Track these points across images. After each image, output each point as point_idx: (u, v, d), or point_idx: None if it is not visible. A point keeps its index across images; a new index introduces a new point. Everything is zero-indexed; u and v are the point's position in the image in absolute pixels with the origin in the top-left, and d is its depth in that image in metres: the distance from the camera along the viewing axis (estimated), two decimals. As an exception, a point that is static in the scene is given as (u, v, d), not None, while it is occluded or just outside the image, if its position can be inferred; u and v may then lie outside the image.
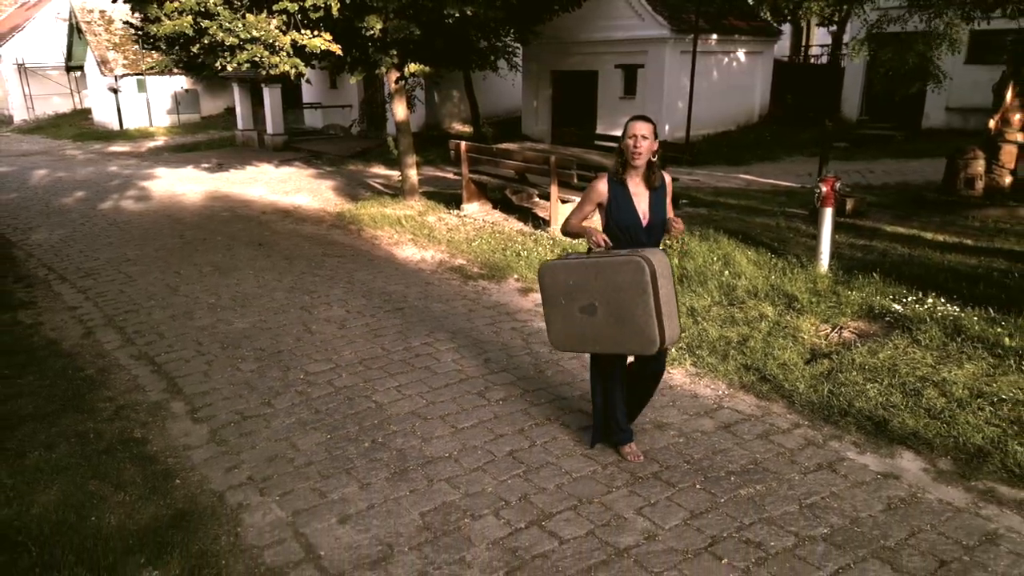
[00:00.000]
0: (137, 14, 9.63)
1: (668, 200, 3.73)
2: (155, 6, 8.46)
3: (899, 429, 4.14)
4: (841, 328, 5.70)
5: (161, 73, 24.25)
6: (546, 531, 3.36)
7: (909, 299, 5.86)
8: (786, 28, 24.34)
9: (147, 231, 10.40)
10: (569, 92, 18.03)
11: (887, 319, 5.66)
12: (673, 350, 5.33)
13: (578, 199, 9.23)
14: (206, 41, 8.65)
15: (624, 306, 3.39)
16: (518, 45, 17.60)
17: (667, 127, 16.06)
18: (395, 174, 14.56)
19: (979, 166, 8.90)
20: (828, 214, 6.77)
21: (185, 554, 3.19)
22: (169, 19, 8.33)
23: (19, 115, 32.04)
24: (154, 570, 3.07)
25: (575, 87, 17.74)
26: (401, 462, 3.98)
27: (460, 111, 20.84)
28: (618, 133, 15.35)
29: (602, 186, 3.66)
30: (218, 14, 8.26)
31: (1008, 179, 9.09)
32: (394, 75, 10.64)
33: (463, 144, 10.36)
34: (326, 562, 3.17)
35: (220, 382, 5.11)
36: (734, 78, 17.47)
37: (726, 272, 6.92)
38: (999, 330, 5.14)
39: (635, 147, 3.52)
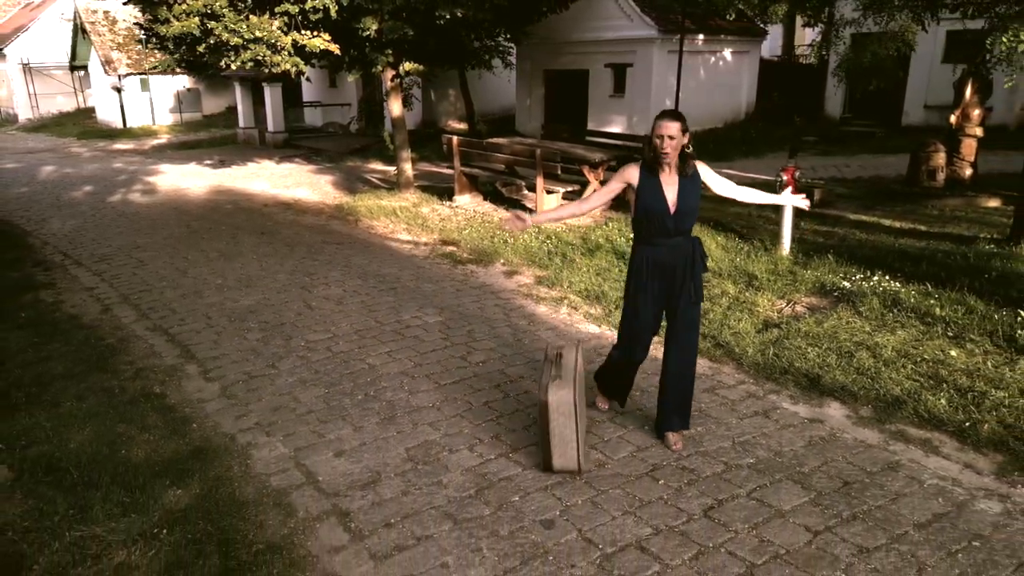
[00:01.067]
0: (147, 15, 10.16)
1: (712, 180, 3.81)
2: (164, 8, 9.01)
3: (830, 384, 4.69)
4: (794, 303, 6.26)
5: (164, 72, 24.75)
6: (512, 460, 3.91)
7: (857, 277, 6.42)
8: (777, 29, 24.88)
9: (155, 221, 10.95)
10: (561, 90, 18.58)
11: (836, 294, 6.21)
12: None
13: (562, 189, 9.82)
14: (212, 41, 9.20)
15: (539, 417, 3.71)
16: (512, 45, 18.17)
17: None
18: (391, 169, 15.13)
19: (940, 159, 9.45)
20: (789, 201, 7.31)
21: (203, 478, 3.74)
22: (178, 20, 8.88)
23: (24, 114, 32.57)
24: (178, 489, 3.62)
25: (567, 85, 18.29)
26: (390, 410, 4.54)
27: (456, 109, 21.39)
28: (607, 130, 15.93)
29: (633, 170, 3.73)
30: (223, 16, 8.81)
31: (968, 171, 9.64)
32: (390, 73, 11.19)
33: (455, 139, 10.91)
34: (324, 485, 3.72)
35: (229, 349, 5.66)
36: (721, 77, 18.03)
37: (695, 255, 7.46)
38: (932, 302, 5.70)
39: (663, 147, 3.53)
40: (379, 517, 3.44)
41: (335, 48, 9.89)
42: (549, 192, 9.56)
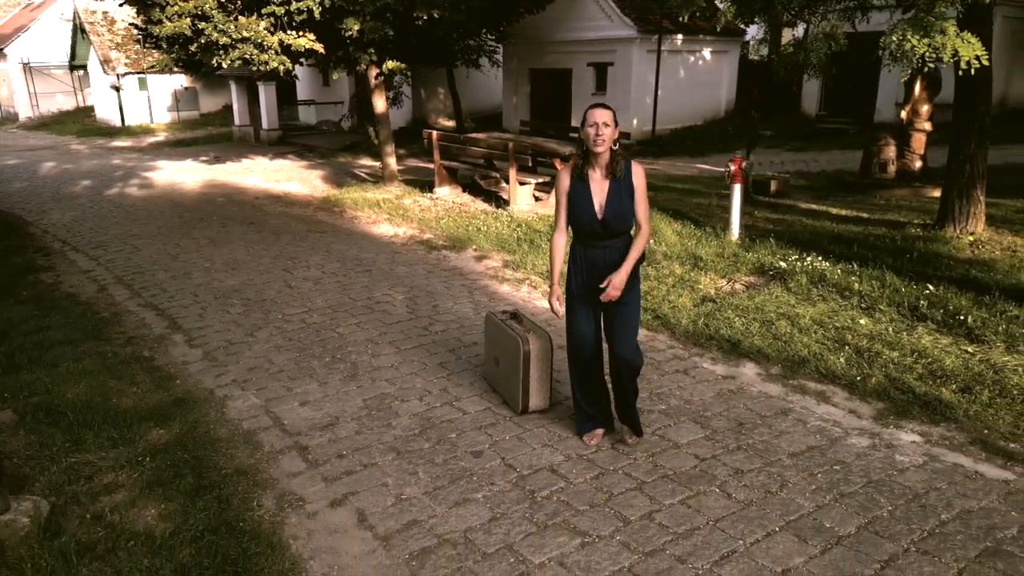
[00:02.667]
0: (142, 16, 10.70)
1: (639, 193, 3.57)
2: (157, 10, 9.55)
3: (748, 348, 5.24)
4: (734, 281, 6.81)
5: (162, 72, 25.27)
6: (456, 408, 4.46)
7: (792, 258, 6.96)
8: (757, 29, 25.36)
9: (150, 213, 11.50)
10: (546, 88, 19.14)
11: (771, 273, 6.76)
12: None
13: (535, 181, 10.37)
14: (203, 41, 9.75)
15: (509, 369, 4.33)
16: (498, 44, 18.74)
17: (635, 122, 17.16)
18: (380, 164, 15.67)
19: (890, 152, 10.00)
20: (737, 190, 7.88)
21: (183, 421, 4.28)
22: (170, 21, 9.43)
23: (24, 113, 33.11)
24: (160, 429, 4.17)
25: (551, 84, 18.85)
26: (353, 370, 5.09)
27: (445, 107, 21.94)
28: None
29: (564, 178, 3.63)
30: (213, 17, 9.36)
31: (918, 164, 10.19)
32: (374, 71, 11.74)
33: (435, 133, 11.47)
34: (288, 427, 4.27)
35: (212, 321, 6.22)
36: (700, 75, 18.58)
37: (651, 240, 8.01)
38: (852, 279, 6.25)
39: (597, 135, 3.42)
40: (333, 451, 3.99)
41: (319, 47, 10.44)
42: (522, 184, 10.11)
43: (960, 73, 5.23)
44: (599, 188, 3.56)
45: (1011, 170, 11.47)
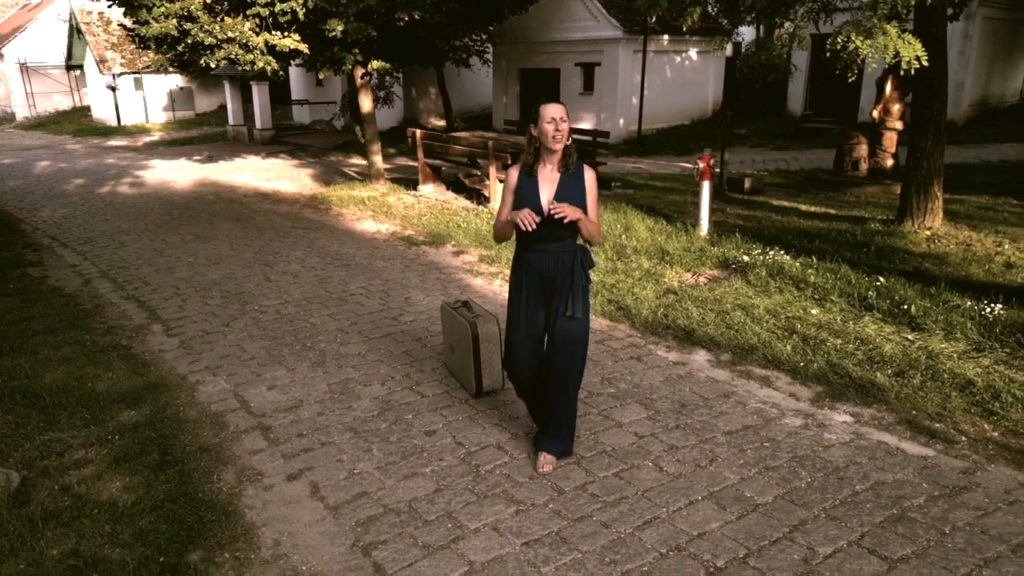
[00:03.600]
0: (129, 17, 10.92)
1: (591, 196, 3.46)
2: (144, 11, 9.77)
3: (701, 336, 5.46)
4: (698, 275, 7.03)
5: (157, 72, 25.48)
6: (415, 392, 4.68)
7: (756, 252, 7.18)
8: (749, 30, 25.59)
9: (139, 210, 11.71)
10: (535, 88, 19.34)
11: (734, 267, 6.98)
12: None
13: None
14: (189, 41, 9.97)
15: (463, 353, 4.56)
16: (487, 44, 18.96)
17: (621, 121, 17.38)
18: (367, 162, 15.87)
19: (862, 150, 10.22)
20: (706, 187, 8.10)
21: (154, 404, 4.50)
22: (157, 22, 9.65)
23: (21, 112, 33.34)
24: (132, 411, 4.38)
25: (540, 83, 19.06)
26: (321, 357, 5.30)
27: (437, 107, 22.16)
28: (578, 126, 16.63)
29: (513, 175, 3.51)
30: (199, 18, 9.58)
31: (890, 161, 10.41)
32: (359, 71, 11.96)
33: (418, 132, 11.69)
34: (254, 409, 4.49)
35: (191, 312, 6.43)
36: (687, 75, 18.80)
37: (623, 235, 8.24)
38: (810, 271, 6.47)
39: (556, 130, 3.31)
40: (294, 430, 4.20)
41: (304, 48, 10.66)
42: (501, 181, 10.32)
43: (902, 73, 5.45)
44: (549, 181, 3.43)
45: (985, 168, 11.72)
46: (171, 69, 14.86)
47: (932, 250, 6.98)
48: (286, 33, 10.40)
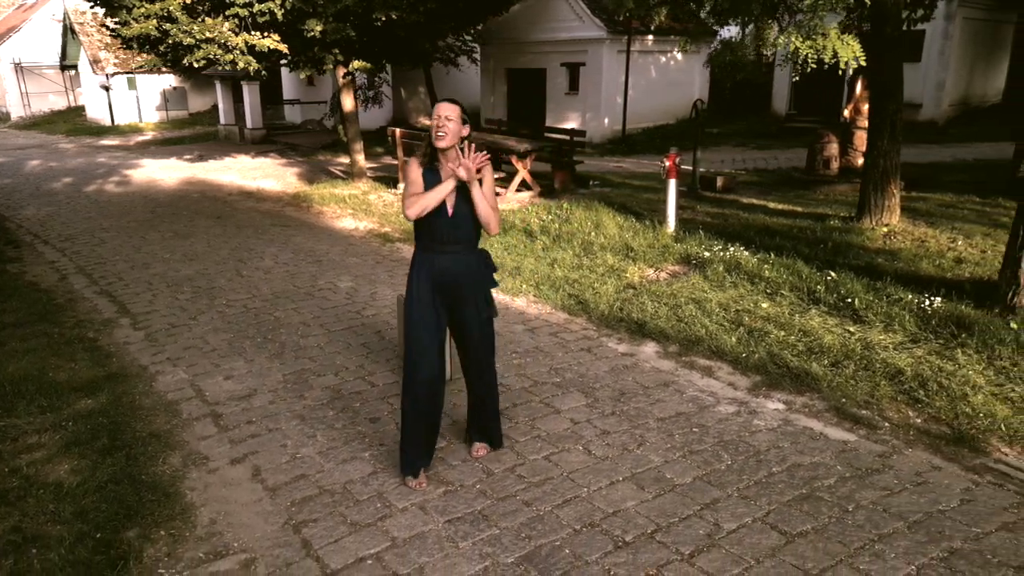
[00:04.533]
0: (110, 17, 11.07)
1: (487, 183, 3.39)
2: (124, 12, 9.92)
3: (652, 329, 5.60)
4: (660, 270, 7.17)
5: (150, 72, 25.61)
6: (367, 382, 4.82)
7: (717, 248, 7.32)
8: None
9: (123, 208, 11.85)
10: (522, 88, 19.51)
11: (695, 262, 7.13)
12: (523, 284, 6.80)
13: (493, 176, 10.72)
14: (170, 41, 10.11)
15: None
16: (475, 44, 19.10)
17: (606, 120, 17.53)
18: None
19: (833, 149, 10.36)
20: (672, 184, 8.24)
21: (111, 393, 4.65)
22: (137, 23, 9.79)
23: (16, 112, 33.48)
24: (89, 400, 4.53)
25: (527, 83, 19.22)
26: (280, 349, 5.45)
27: (425, 106, 22.30)
28: (564, 125, 16.78)
29: (414, 167, 3.41)
30: (178, 19, 9.72)
31: (861, 160, 10.53)
32: (341, 71, 12.11)
33: (398, 131, 11.84)
34: (208, 398, 4.63)
35: (160, 306, 6.58)
36: (672, 75, 18.95)
37: (592, 233, 8.38)
38: (765, 267, 6.61)
39: (438, 127, 3.32)
40: (244, 418, 4.35)
41: (284, 48, 10.80)
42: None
43: (840, 73, 5.59)
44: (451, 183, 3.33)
45: (960, 167, 11.86)
46: (164, 69, 14.99)
47: (887, 246, 7.13)
48: (266, 34, 10.54)
